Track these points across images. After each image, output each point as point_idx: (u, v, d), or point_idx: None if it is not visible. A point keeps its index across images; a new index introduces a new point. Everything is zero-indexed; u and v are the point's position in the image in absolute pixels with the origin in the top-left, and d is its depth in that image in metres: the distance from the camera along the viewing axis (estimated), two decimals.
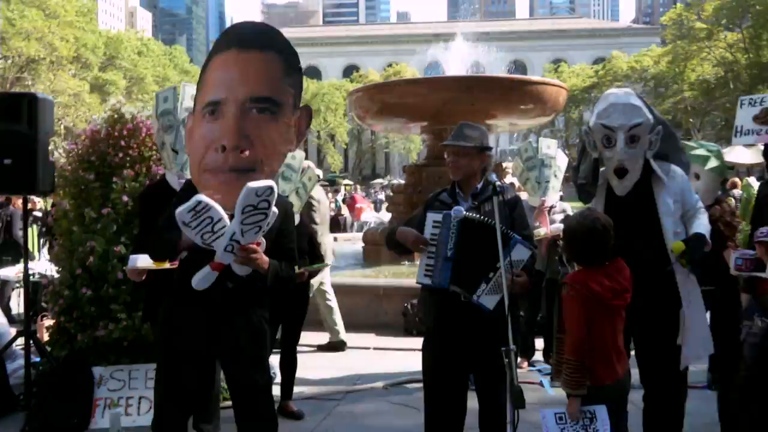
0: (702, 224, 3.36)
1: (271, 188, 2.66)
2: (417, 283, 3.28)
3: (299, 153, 4.74)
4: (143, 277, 3.64)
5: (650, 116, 3.40)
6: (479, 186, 3.26)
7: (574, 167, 3.80)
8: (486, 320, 3.07)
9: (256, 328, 3.02)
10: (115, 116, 4.86)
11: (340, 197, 24.11)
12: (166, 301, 3.06)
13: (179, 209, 2.61)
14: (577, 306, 2.79)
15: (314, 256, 4.81)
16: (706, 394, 4.84)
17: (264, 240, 2.83)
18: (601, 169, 3.54)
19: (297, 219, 4.74)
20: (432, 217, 3.17)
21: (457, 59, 13.66)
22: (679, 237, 3.32)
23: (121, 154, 4.69)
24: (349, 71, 75.67)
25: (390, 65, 69.00)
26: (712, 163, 4.27)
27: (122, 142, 4.69)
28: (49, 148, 4.79)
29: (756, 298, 4.93)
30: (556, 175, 5.83)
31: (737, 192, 12.41)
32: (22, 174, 4.54)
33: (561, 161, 5.93)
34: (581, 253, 2.95)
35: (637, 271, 3.04)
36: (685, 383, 3.57)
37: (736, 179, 13.10)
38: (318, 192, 5.79)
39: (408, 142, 59.13)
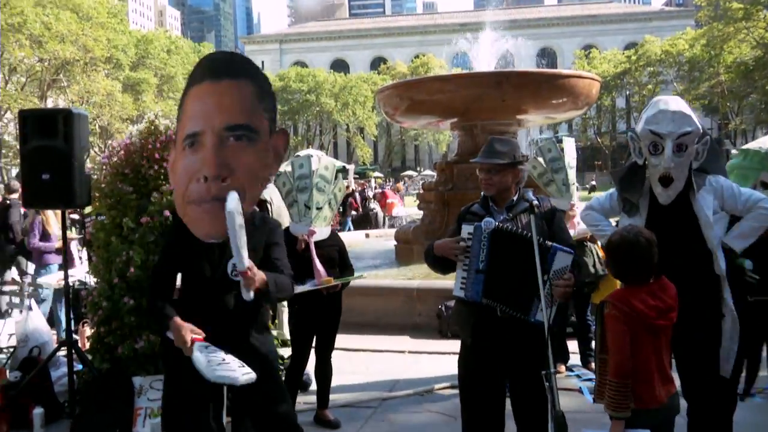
0: (755, 212, 3.27)
1: (238, 199, 2.76)
2: (453, 295, 3.26)
3: (331, 164, 4.75)
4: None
5: (699, 126, 3.33)
6: (514, 198, 3.21)
7: (617, 174, 3.70)
8: (523, 334, 3.04)
9: (260, 355, 3.05)
10: (150, 128, 4.91)
11: (370, 193, 23.95)
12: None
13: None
14: (620, 325, 2.71)
15: (344, 266, 4.82)
16: (754, 403, 4.73)
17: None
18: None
19: (329, 230, 4.77)
20: (466, 228, 3.13)
21: (485, 50, 13.52)
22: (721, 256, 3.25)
23: (156, 167, 4.74)
24: (376, 63, 75.63)
25: (417, 56, 68.76)
26: None
27: (156, 155, 4.74)
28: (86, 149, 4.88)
29: None
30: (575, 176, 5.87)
31: None
32: (60, 188, 4.61)
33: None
34: (624, 269, 2.87)
35: (679, 282, 2.98)
36: (734, 393, 3.50)
37: None
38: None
39: (438, 134, 58.89)
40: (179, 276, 3.18)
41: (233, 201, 2.73)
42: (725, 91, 49.33)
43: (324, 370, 4.78)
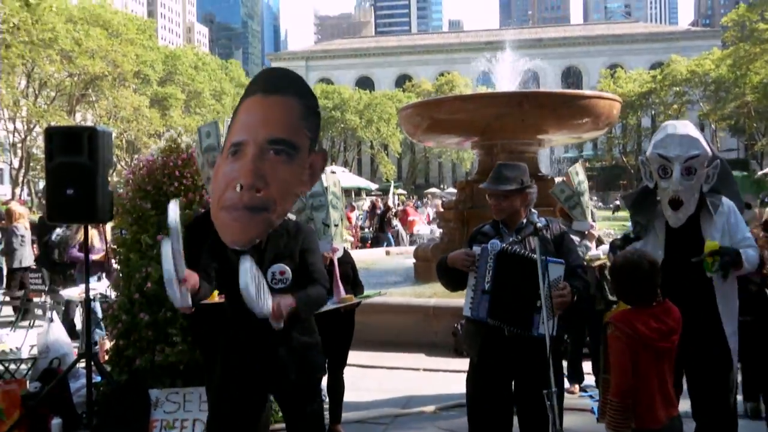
0: (748, 254, 3.27)
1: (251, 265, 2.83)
2: (463, 315, 3.32)
3: (337, 180, 4.84)
4: (193, 310, 3.76)
5: (708, 149, 3.36)
6: (524, 221, 3.27)
7: (629, 199, 3.74)
8: (529, 353, 3.08)
9: (301, 357, 3.11)
10: (171, 146, 5.02)
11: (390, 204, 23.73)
12: (222, 340, 3.17)
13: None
14: (622, 346, 2.75)
15: (355, 284, 4.89)
16: (749, 424, 4.71)
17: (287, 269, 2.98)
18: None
19: (344, 247, 4.84)
20: (475, 249, 3.20)
21: (509, 70, 13.57)
22: (725, 284, 3.26)
23: (176, 183, 4.85)
24: (401, 81, 76.03)
25: (442, 74, 69.04)
26: None
27: (177, 172, 4.85)
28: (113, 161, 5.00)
29: None
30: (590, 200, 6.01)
31: None
32: (83, 203, 4.73)
33: None
34: (627, 291, 2.91)
35: (687, 305, 2.99)
36: (735, 416, 3.51)
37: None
38: None
39: (461, 152, 58.94)
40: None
41: (245, 270, 2.81)
42: (752, 111, 48.79)
43: (336, 386, 4.82)
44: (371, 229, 19.98)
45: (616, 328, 2.80)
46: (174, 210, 2.80)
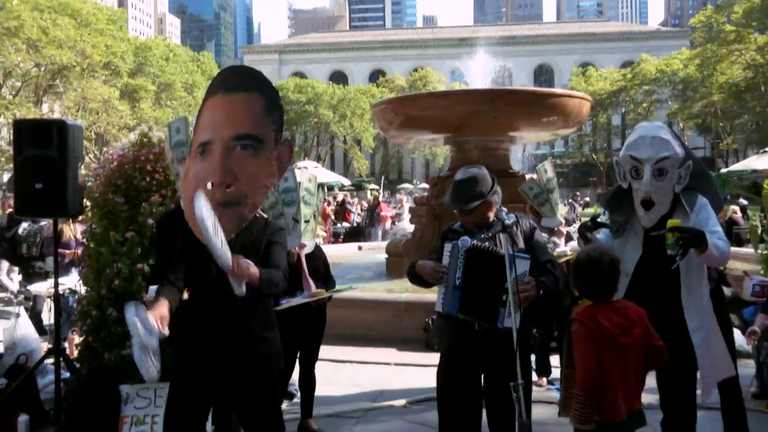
0: (716, 242, 3.22)
1: (204, 202, 2.85)
2: (435, 310, 3.39)
3: (313, 176, 4.86)
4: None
5: (680, 150, 3.43)
6: (493, 219, 3.34)
7: (604, 197, 3.82)
8: (498, 347, 3.15)
9: (257, 353, 3.13)
10: (143, 140, 4.99)
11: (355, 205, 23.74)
12: (178, 333, 3.16)
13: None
14: (587, 341, 2.83)
15: (327, 279, 4.91)
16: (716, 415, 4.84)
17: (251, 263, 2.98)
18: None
19: (316, 243, 4.86)
20: (446, 247, 3.27)
21: (482, 67, 13.67)
22: (691, 275, 3.34)
23: (147, 178, 4.82)
24: (375, 76, 75.93)
25: (416, 70, 69.12)
26: None
27: (148, 166, 4.82)
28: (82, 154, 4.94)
29: None
30: (559, 197, 6.11)
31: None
32: (53, 198, 4.68)
33: None
34: (588, 286, 3.00)
35: (658, 301, 3.08)
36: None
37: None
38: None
39: (434, 147, 59.16)
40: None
41: (200, 205, 2.82)
42: (718, 111, 49.76)
43: (308, 381, 4.85)
44: (363, 222, 20.01)
45: (580, 324, 2.87)
46: (132, 310, 2.82)
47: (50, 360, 5.30)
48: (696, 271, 3.40)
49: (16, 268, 8.78)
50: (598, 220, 3.74)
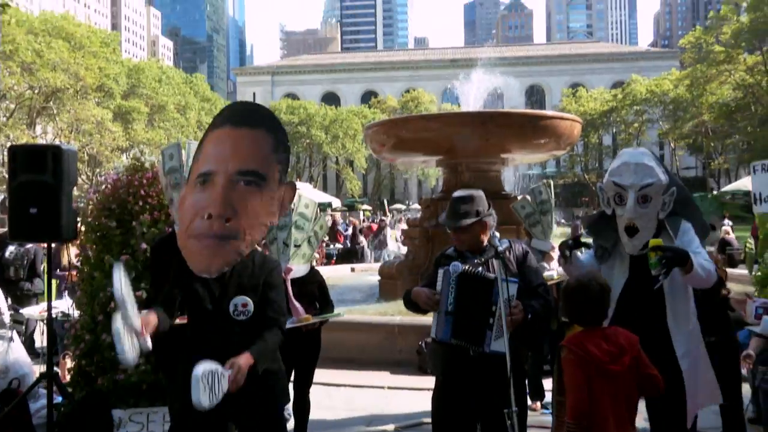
0: (700, 261, 3.22)
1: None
2: (430, 336, 3.42)
3: (311, 202, 4.87)
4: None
5: (663, 177, 3.43)
6: (486, 244, 3.37)
7: (587, 221, 3.84)
8: (493, 373, 3.16)
9: (262, 385, 3.10)
10: (136, 164, 5.02)
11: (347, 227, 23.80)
12: (183, 359, 3.17)
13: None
14: (576, 368, 2.84)
15: (325, 303, 4.92)
16: None
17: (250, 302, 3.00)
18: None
19: (308, 268, 4.87)
20: (439, 273, 3.30)
21: (474, 88, 13.77)
22: (677, 299, 3.37)
23: (141, 203, 4.84)
24: (367, 97, 76.31)
25: (408, 91, 69.53)
26: None
27: (142, 191, 4.85)
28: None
29: None
30: (554, 219, 6.07)
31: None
32: (47, 222, 4.69)
33: None
34: (577, 311, 3.01)
35: (644, 327, 3.09)
36: None
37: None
38: None
39: (427, 168, 59.35)
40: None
41: (117, 279, 2.80)
42: (708, 131, 50.20)
43: (302, 406, 4.83)
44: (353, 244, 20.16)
45: (569, 351, 2.88)
46: (118, 277, 2.80)
47: (42, 384, 5.27)
48: (681, 294, 3.41)
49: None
50: (581, 239, 3.75)
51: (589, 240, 3.85)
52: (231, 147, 3.10)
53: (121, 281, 2.78)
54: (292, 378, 4.82)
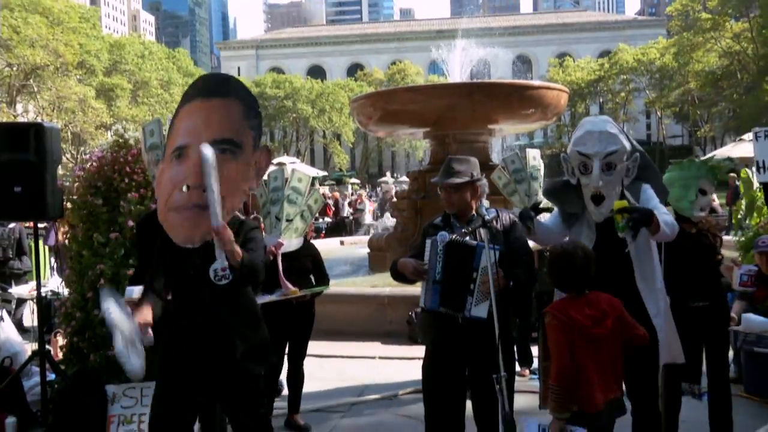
0: (664, 218, 3.27)
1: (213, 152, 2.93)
2: (419, 305, 3.46)
3: (305, 176, 4.88)
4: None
5: (627, 144, 3.44)
6: (474, 213, 3.40)
7: (550, 184, 3.86)
8: (481, 340, 3.21)
9: (243, 354, 3.15)
10: (120, 141, 4.99)
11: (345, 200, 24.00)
12: (164, 335, 3.20)
13: None
14: (559, 334, 2.88)
15: (320, 276, 4.95)
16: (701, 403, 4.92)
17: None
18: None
19: (301, 242, 4.89)
20: (427, 243, 3.33)
21: (460, 59, 13.71)
22: (643, 262, 3.41)
23: (126, 180, 4.82)
24: (353, 70, 75.77)
25: (394, 63, 69.07)
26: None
27: (127, 168, 4.82)
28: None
29: (754, 306, 5.06)
30: (540, 186, 5.97)
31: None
32: (32, 201, 4.66)
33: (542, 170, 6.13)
34: (561, 278, 3.05)
35: (614, 292, 3.14)
36: (679, 393, 3.71)
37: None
38: None
39: (415, 140, 59.26)
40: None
41: (208, 150, 2.88)
42: (695, 99, 50.33)
43: (296, 377, 4.90)
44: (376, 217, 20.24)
45: (552, 317, 2.93)
46: (106, 305, 2.94)
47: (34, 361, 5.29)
48: (646, 254, 3.44)
49: None
50: (540, 206, 3.74)
51: (549, 204, 3.86)
52: (203, 119, 3.13)
53: (108, 308, 2.82)
54: (286, 351, 4.89)
